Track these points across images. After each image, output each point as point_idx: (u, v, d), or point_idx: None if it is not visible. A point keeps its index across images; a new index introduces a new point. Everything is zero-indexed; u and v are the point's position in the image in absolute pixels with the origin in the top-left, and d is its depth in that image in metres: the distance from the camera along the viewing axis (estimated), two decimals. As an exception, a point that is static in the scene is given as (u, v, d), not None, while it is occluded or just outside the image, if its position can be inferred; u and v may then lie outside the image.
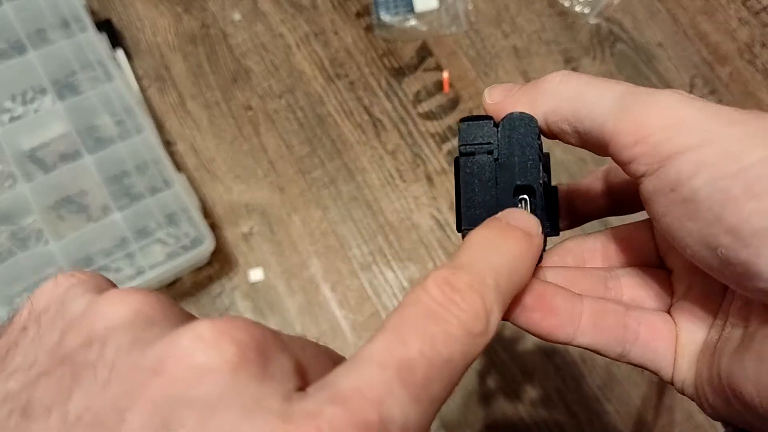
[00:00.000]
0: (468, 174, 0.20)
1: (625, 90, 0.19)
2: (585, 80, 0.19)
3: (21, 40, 0.56)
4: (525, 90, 0.21)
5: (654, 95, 0.18)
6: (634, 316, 0.21)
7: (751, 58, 0.60)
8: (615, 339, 0.21)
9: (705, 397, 0.20)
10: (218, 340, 0.13)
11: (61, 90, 0.57)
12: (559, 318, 0.21)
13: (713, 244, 0.17)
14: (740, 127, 0.17)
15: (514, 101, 0.21)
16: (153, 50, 0.61)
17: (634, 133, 0.18)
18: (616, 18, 0.62)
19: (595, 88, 0.19)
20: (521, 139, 0.20)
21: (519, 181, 0.20)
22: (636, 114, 0.18)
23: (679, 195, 0.17)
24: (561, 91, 0.20)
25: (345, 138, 0.59)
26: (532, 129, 0.20)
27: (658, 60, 0.61)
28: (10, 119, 0.57)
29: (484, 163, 0.20)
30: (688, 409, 0.51)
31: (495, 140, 0.20)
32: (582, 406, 0.52)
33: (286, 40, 0.62)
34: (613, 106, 0.18)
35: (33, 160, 0.56)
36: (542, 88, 0.20)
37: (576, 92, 0.19)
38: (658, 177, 0.17)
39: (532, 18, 0.62)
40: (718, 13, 0.62)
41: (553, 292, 0.21)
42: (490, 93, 0.22)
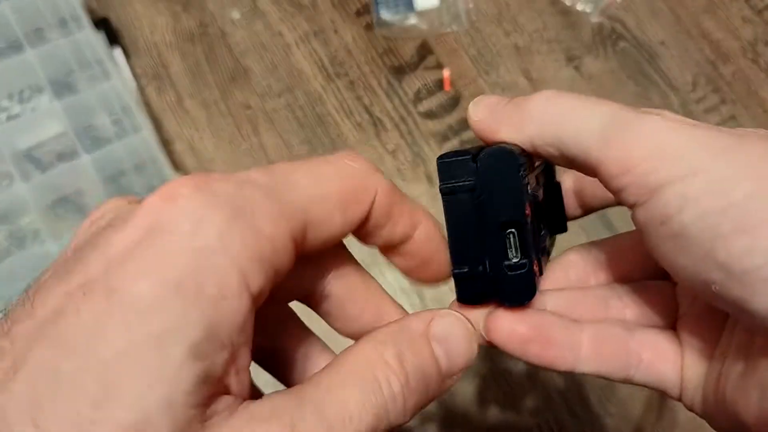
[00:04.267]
0: (452, 212, 0.20)
1: (611, 115, 0.18)
2: (570, 104, 0.19)
3: (18, 38, 0.56)
4: (509, 111, 0.20)
5: (639, 122, 0.17)
6: (637, 340, 0.21)
7: (755, 57, 0.60)
8: (618, 365, 0.21)
9: (713, 417, 0.19)
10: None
11: (58, 89, 0.57)
12: (558, 349, 0.20)
13: (706, 280, 0.16)
14: (727, 157, 0.16)
15: (497, 125, 0.20)
16: (151, 49, 0.61)
17: (619, 163, 0.17)
18: (618, 16, 0.61)
19: (580, 113, 0.18)
20: (501, 175, 0.19)
21: (503, 218, 0.19)
22: (621, 143, 0.17)
23: (669, 229, 0.16)
24: (545, 115, 0.19)
25: (345, 137, 0.58)
26: (511, 163, 0.19)
27: (661, 58, 0.60)
28: (7, 118, 0.57)
29: (466, 201, 0.19)
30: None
31: (475, 178, 0.19)
32: (584, 407, 0.51)
33: (286, 39, 0.61)
34: (598, 133, 0.18)
35: (30, 159, 0.56)
36: (527, 111, 0.19)
37: (560, 117, 0.19)
38: (647, 209, 0.17)
39: (533, 16, 0.62)
40: (721, 11, 0.61)
41: (550, 323, 0.20)
42: (475, 109, 0.21)
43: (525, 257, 0.19)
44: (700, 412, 0.20)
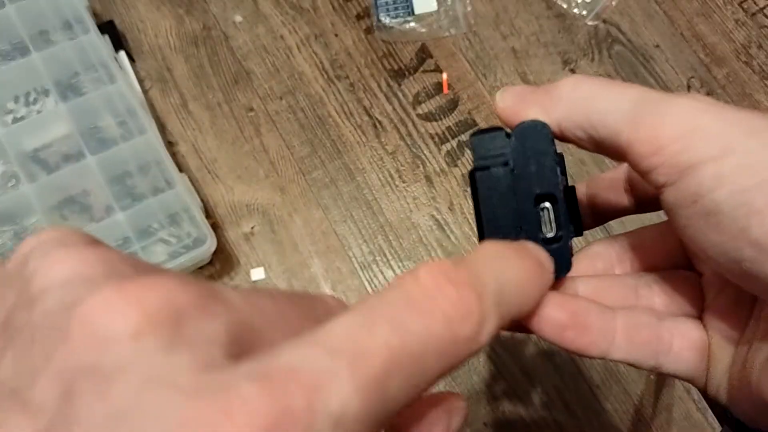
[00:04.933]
0: (486, 188, 0.20)
1: (640, 96, 0.18)
2: (598, 85, 0.19)
3: (24, 41, 0.57)
4: (537, 95, 0.20)
5: (669, 102, 0.17)
6: (667, 327, 0.21)
7: (748, 60, 0.61)
8: (649, 352, 0.21)
9: (738, 404, 0.20)
10: (124, 304, 0.11)
11: (63, 91, 0.57)
12: (593, 335, 0.20)
13: (738, 258, 0.16)
14: (760, 137, 0.16)
15: (525, 107, 0.20)
16: (155, 52, 0.62)
17: (650, 143, 0.17)
18: (613, 20, 0.62)
19: (609, 94, 0.18)
20: (536, 147, 0.20)
21: (538, 190, 0.20)
22: (651, 123, 0.17)
23: (701, 207, 0.17)
24: (573, 97, 0.19)
25: (345, 139, 0.59)
26: (545, 135, 0.20)
27: (656, 61, 0.61)
28: (12, 120, 0.57)
29: (500, 176, 0.20)
30: (687, 407, 0.52)
31: (509, 151, 0.20)
32: (580, 404, 0.52)
33: (287, 42, 0.62)
34: (628, 114, 0.18)
35: (36, 160, 0.57)
36: (554, 95, 0.19)
37: (589, 99, 0.19)
38: (678, 189, 0.17)
39: (530, 20, 0.62)
40: (715, 14, 0.62)
41: (587, 309, 0.20)
42: (502, 96, 0.21)
43: (560, 230, 0.20)
44: (725, 399, 0.20)
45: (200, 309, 0.12)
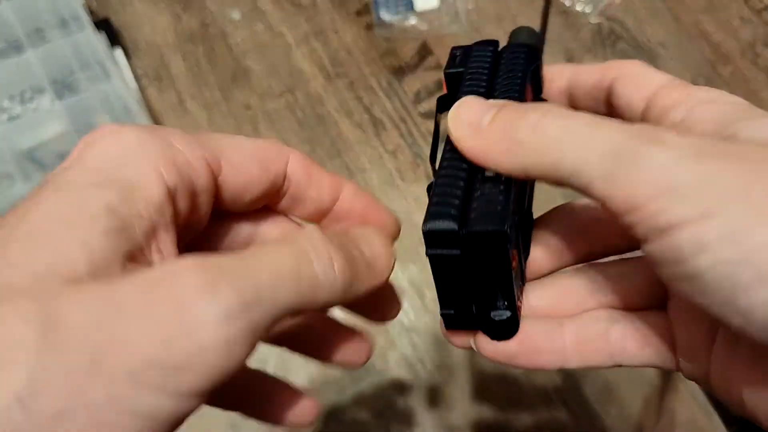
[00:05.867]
0: (439, 271, 0.20)
1: (613, 145, 0.16)
2: (565, 129, 0.17)
3: (19, 39, 0.56)
4: (498, 135, 0.18)
5: (644, 154, 0.16)
6: (619, 329, 0.21)
7: (753, 58, 0.60)
8: (603, 357, 0.21)
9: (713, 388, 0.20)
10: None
11: (59, 89, 0.57)
12: (544, 356, 0.21)
13: (726, 321, 0.15)
14: (742, 198, 0.14)
15: (485, 149, 0.18)
16: (152, 49, 0.61)
17: (626, 201, 0.16)
18: (617, 17, 0.62)
19: (578, 141, 0.16)
20: (490, 253, 0.18)
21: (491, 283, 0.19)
22: (626, 179, 0.16)
23: (684, 271, 0.15)
24: (539, 144, 0.17)
25: (345, 137, 0.58)
26: (501, 246, 0.18)
27: (660, 59, 0.60)
28: (8, 119, 0.57)
29: (453, 265, 0.19)
30: (691, 411, 0.51)
31: (461, 249, 0.19)
32: (583, 407, 0.51)
33: (286, 39, 0.61)
34: (600, 167, 0.16)
35: (31, 159, 0.56)
36: (517, 140, 0.17)
37: (556, 147, 0.17)
38: (659, 248, 0.16)
39: (533, 17, 0.62)
40: (720, 12, 0.62)
41: (534, 334, 0.21)
42: (456, 124, 0.19)
43: (510, 307, 0.20)
44: (702, 383, 0.20)
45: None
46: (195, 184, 0.18)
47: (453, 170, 0.19)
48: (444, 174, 0.20)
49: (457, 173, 0.19)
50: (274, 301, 0.15)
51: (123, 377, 0.13)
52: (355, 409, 0.51)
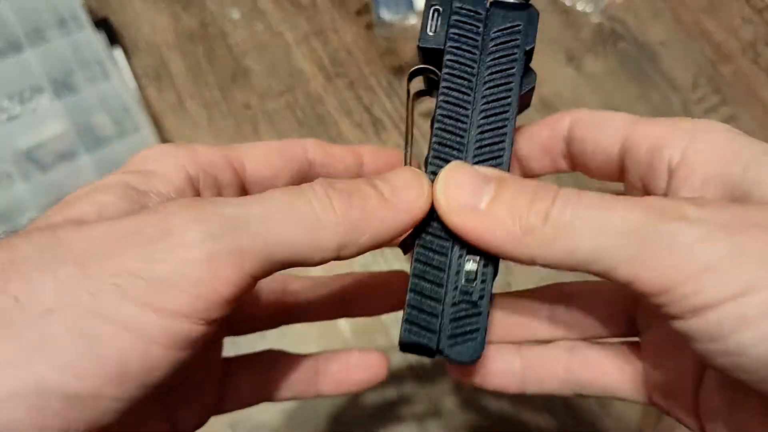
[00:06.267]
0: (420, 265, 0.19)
1: (631, 226, 0.15)
2: (575, 213, 0.16)
3: (18, 38, 0.56)
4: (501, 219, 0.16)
5: (670, 234, 0.15)
6: (578, 360, 0.21)
7: (755, 57, 0.60)
8: (559, 385, 0.21)
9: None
10: None
11: (58, 89, 0.57)
12: (500, 378, 0.21)
13: (763, 391, 0.15)
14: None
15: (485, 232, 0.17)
16: (151, 49, 0.61)
17: (655, 284, 0.15)
18: (618, 16, 0.61)
19: (592, 226, 0.16)
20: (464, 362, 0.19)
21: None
22: (653, 263, 0.15)
23: (723, 346, 0.15)
24: (550, 234, 0.16)
25: (345, 137, 0.58)
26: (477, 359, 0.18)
27: (661, 59, 0.60)
28: (7, 118, 0.57)
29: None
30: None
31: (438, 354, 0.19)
32: (583, 407, 0.51)
33: (286, 39, 0.61)
34: (621, 250, 0.15)
35: (30, 159, 0.56)
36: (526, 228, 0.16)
37: (569, 234, 0.16)
38: (695, 326, 0.15)
39: (533, 16, 0.62)
40: (722, 11, 0.61)
41: (491, 357, 0.21)
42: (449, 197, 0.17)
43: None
44: (681, 421, 0.20)
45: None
46: (218, 178, 0.19)
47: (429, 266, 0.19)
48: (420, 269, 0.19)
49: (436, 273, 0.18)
50: (266, 233, 0.15)
51: (109, 287, 0.14)
52: (355, 409, 0.50)
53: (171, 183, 0.18)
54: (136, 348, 0.14)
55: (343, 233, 0.16)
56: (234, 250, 0.15)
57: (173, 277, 0.14)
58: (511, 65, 0.19)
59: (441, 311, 0.18)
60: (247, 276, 0.15)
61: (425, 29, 0.20)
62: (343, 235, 0.16)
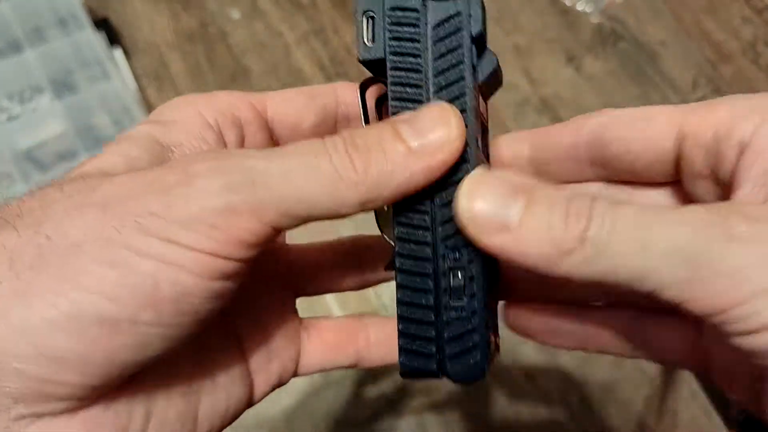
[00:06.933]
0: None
1: (679, 245, 0.14)
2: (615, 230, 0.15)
3: (18, 38, 0.56)
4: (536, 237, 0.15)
5: (723, 257, 0.14)
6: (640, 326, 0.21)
7: (755, 57, 0.60)
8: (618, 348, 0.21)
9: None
10: None
11: (58, 89, 0.57)
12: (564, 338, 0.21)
13: None
14: None
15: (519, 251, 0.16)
16: (151, 49, 0.61)
17: (707, 307, 0.14)
18: (618, 16, 0.61)
19: (635, 245, 0.15)
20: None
21: None
22: (706, 287, 0.14)
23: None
24: (590, 253, 0.15)
25: (345, 137, 0.58)
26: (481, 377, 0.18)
27: (661, 59, 0.60)
28: (7, 118, 0.57)
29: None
30: (692, 412, 0.51)
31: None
32: (583, 407, 0.51)
33: (286, 39, 0.61)
34: (669, 272, 0.14)
35: (30, 159, 0.56)
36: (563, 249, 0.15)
37: (610, 252, 0.15)
38: (753, 343, 0.14)
39: (533, 17, 0.62)
40: (722, 11, 0.61)
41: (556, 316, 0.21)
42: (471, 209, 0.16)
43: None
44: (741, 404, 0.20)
45: None
46: (238, 116, 0.21)
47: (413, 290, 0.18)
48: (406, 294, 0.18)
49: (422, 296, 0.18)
50: (285, 188, 0.16)
51: (131, 224, 0.15)
52: (355, 409, 0.50)
53: (191, 131, 0.19)
54: (164, 274, 0.15)
55: (364, 191, 0.16)
56: (252, 201, 0.15)
57: (192, 220, 0.15)
58: (459, 59, 0.18)
59: (436, 333, 0.18)
60: (266, 226, 0.16)
61: (362, 40, 0.19)
62: (364, 193, 0.16)
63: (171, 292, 0.15)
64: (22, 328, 0.14)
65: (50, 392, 0.14)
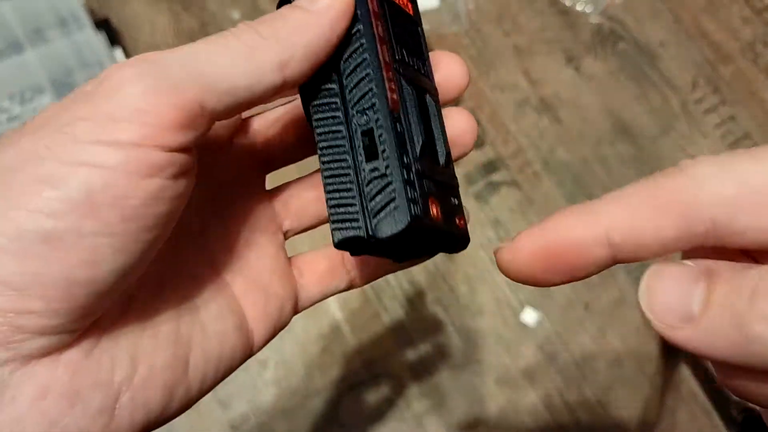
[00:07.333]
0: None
1: None
2: None
3: (19, 39, 0.56)
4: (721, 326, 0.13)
5: None
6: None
7: (754, 58, 0.60)
8: None
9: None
10: None
11: (59, 89, 0.57)
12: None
13: None
14: None
15: (705, 343, 0.14)
16: (152, 49, 0.60)
17: None
18: (617, 17, 0.62)
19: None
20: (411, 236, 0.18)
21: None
22: None
23: None
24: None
25: (345, 138, 0.58)
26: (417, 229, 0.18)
27: (661, 59, 0.60)
28: (8, 119, 0.57)
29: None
30: (692, 410, 0.51)
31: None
32: (584, 408, 0.51)
33: (286, 39, 0.61)
34: None
35: (31, 159, 0.56)
36: (751, 337, 0.13)
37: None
38: None
39: (533, 17, 0.62)
40: (721, 11, 0.62)
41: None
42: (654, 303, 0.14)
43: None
44: None
45: None
46: None
47: (333, 161, 0.19)
48: (327, 167, 0.19)
49: (340, 164, 0.18)
50: (202, 65, 0.16)
51: (61, 135, 0.15)
52: (355, 410, 0.51)
53: None
54: (97, 178, 0.15)
55: (278, 50, 0.17)
56: (171, 80, 0.16)
57: (117, 112, 0.15)
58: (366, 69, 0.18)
59: (360, 199, 0.18)
60: (192, 103, 0.16)
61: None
62: (279, 51, 0.17)
63: (107, 196, 0.15)
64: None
65: (20, 325, 0.14)
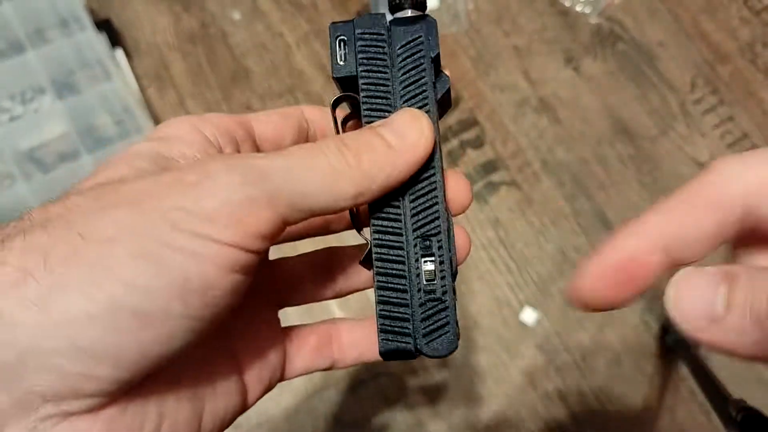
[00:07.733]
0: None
1: None
2: None
3: (20, 39, 0.56)
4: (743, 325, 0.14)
5: None
6: None
7: (753, 58, 0.60)
8: None
9: None
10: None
11: (60, 90, 0.57)
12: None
13: None
14: None
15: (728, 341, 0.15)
16: (152, 50, 0.61)
17: None
18: (616, 17, 0.62)
19: None
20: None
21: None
22: None
23: None
24: None
25: (345, 138, 0.58)
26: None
27: (659, 59, 0.60)
28: (9, 119, 0.57)
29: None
30: (690, 410, 0.51)
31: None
32: (582, 406, 0.51)
33: (286, 40, 0.61)
34: None
35: (32, 159, 0.56)
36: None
37: None
38: None
39: (532, 17, 0.62)
40: (720, 12, 0.62)
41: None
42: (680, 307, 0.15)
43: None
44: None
45: None
46: (234, 135, 0.21)
47: (390, 275, 0.20)
48: (383, 280, 0.20)
49: (398, 281, 0.20)
50: (292, 182, 0.17)
51: (161, 220, 0.16)
52: (355, 409, 0.51)
53: (192, 144, 0.20)
54: (193, 267, 0.15)
55: (358, 181, 0.18)
56: (267, 193, 0.17)
57: (218, 213, 0.16)
58: (422, 75, 0.21)
59: (411, 314, 0.20)
60: (279, 217, 0.17)
61: (335, 60, 0.21)
62: (358, 183, 0.18)
63: (199, 284, 0.16)
64: (61, 321, 0.14)
65: (81, 388, 0.15)
